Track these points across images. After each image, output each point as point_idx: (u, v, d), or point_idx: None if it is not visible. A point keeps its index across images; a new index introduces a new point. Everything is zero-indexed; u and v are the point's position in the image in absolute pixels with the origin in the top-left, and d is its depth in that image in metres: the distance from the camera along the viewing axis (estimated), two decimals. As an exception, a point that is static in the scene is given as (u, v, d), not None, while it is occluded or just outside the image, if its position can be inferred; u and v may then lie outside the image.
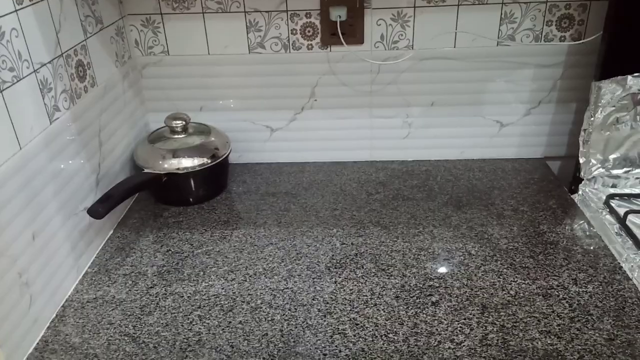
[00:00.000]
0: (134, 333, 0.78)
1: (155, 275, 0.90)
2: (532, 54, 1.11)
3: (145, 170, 1.04)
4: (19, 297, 0.73)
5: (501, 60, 1.12)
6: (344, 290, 0.85)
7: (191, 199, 1.10)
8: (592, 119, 1.05)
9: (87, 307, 0.84)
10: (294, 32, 1.10)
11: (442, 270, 0.89)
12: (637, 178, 1.07)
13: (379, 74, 1.14)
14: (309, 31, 1.10)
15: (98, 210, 0.89)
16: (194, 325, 0.79)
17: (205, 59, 1.13)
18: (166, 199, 1.10)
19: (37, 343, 0.77)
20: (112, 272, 0.91)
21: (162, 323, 0.80)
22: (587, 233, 0.97)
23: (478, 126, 1.19)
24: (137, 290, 0.87)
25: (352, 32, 1.08)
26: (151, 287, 0.87)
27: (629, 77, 1.01)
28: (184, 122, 1.10)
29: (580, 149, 1.07)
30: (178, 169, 1.05)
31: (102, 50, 0.99)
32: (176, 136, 1.10)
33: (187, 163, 1.06)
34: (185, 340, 0.76)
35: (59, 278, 0.84)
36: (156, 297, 0.85)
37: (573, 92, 1.15)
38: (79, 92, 0.90)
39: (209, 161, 1.07)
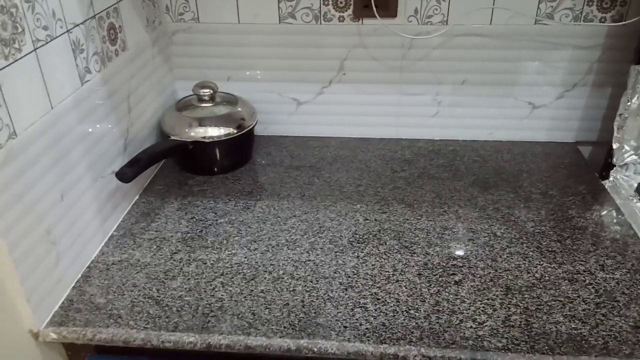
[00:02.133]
0: (157, 296, 0.79)
1: (179, 242, 0.91)
2: (570, 34, 1.08)
3: (172, 138, 1.05)
4: (45, 254, 0.74)
5: (538, 40, 1.09)
6: (366, 265, 0.85)
7: (216, 169, 1.10)
8: (629, 104, 1.02)
9: (112, 269, 0.85)
10: (326, 2, 1.08)
11: (467, 250, 0.88)
12: (671, 167, 1.05)
13: (411, 49, 1.12)
14: (341, 2, 1.08)
15: (126, 174, 0.89)
16: (216, 291, 0.80)
17: (235, 27, 1.12)
18: (191, 167, 1.11)
19: (63, 302, 0.79)
20: (137, 237, 0.92)
21: (185, 288, 0.81)
22: (616, 220, 0.95)
23: (509, 107, 1.17)
24: (161, 255, 0.87)
25: (385, 5, 1.06)
26: (175, 253, 0.88)
27: (671, 61, 0.97)
28: (211, 91, 1.09)
29: (615, 134, 1.04)
30: (204, 137, 1.05)
31: (133, 14, 0.99)
32: (203, 105, 1.10)
33: (214, 132, 1.06)
34: (208, 306, 0.77)
35: (85, 239, 0.85)
36: (180, 262, 0.86)
37: (609, 76, 1.11)
38: (109, 55, 0.90)
39: (235, 131, 1.07)
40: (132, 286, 0.81)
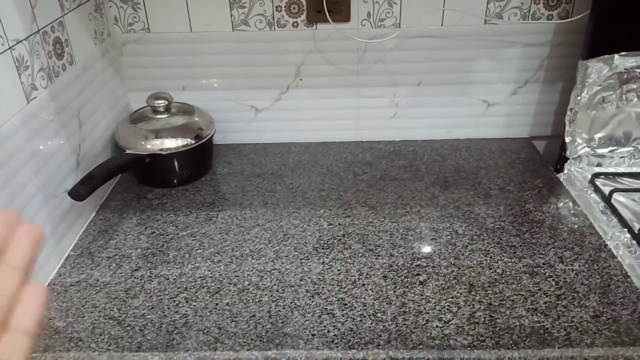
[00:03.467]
0: (119, 316, 0.77)
1: (139, 258, 0.88)
2: (519, 32, 1.10)
3: (127, 151, 1.02)
4: None
5: (488, 39, 1.11)
6: (331, 270, 0.85)
7: (175, 180, 1.08)
8: (579, 98, 1.05)
9: (70, 290, 0.82)
10: (279, 9, 1.08)
11: (430, 249, 0.89)
12: (621, 157, 1.08)
13: (366, 53, 1.12)
14: (294, 8, 1.08)
15: (79, 192, 0.86)
16: (180, 307, 0.78)
17: (187, 36, 1.10)
18: (149, 180, 1.08)
19: (19, 328, 0.75)
20: (96, 255, 0.89)
21: (147, 306, 0.79)
22: (573, 212, 0.97)
23: (465, 106, 1.19)
24: (121, 273, 0.85)
25: (338, 10, 1.06)
26: (136, 270, 0.86)
27: (616, 56, 1.01)
28: (166, 102, 1.07)
29: (567, 128, 1.07)
30: (161, 149, 1.03)
31: (80, 27, 0.96)
32: (159, 116, 1.08)
33: (171, 144, 1.04)
34: (172, 323, 0.75)
35: (40, 261, 0.82)
36: (141, 279, 0.84)
37: (559, 72, 1.14)
38: (56, 71, 0.87)
39: (193, 142, 1.05)
40: (92, 307, 0.79)
